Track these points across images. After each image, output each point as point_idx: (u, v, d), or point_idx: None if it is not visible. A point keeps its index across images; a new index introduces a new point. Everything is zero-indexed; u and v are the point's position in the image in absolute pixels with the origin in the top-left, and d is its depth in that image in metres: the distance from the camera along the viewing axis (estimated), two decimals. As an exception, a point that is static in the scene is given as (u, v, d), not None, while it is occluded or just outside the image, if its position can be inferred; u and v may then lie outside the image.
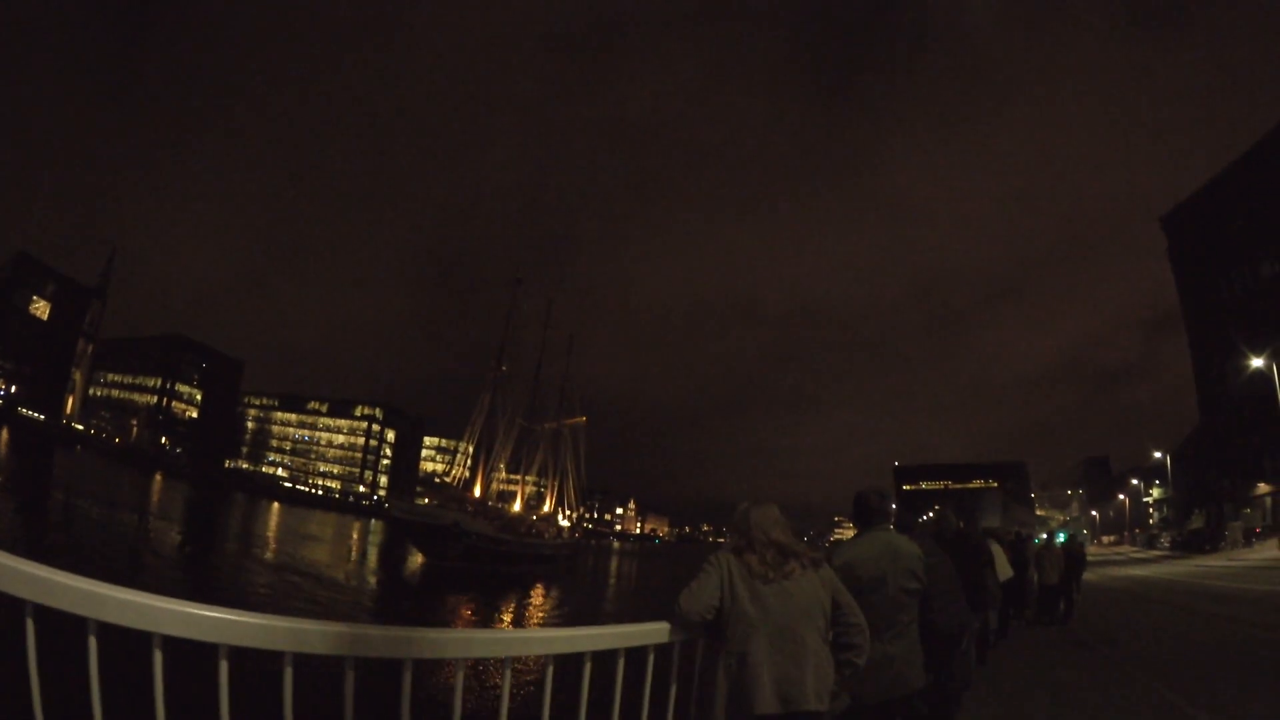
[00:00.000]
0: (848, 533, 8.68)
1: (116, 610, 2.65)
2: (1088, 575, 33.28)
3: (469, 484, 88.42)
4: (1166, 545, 76.19)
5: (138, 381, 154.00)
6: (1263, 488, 71.44)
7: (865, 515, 6.06)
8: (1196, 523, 77.82)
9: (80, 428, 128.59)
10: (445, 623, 40.98)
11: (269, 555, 51.25)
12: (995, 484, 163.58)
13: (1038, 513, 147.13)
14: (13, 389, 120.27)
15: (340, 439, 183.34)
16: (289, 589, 36.90)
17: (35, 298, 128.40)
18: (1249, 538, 59.92)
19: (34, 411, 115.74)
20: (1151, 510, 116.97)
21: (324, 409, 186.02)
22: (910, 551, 5.86)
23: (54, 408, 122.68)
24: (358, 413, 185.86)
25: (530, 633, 5.25)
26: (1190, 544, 66.22)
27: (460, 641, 3.50)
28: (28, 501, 47.80)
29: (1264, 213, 75.76)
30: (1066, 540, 28.21)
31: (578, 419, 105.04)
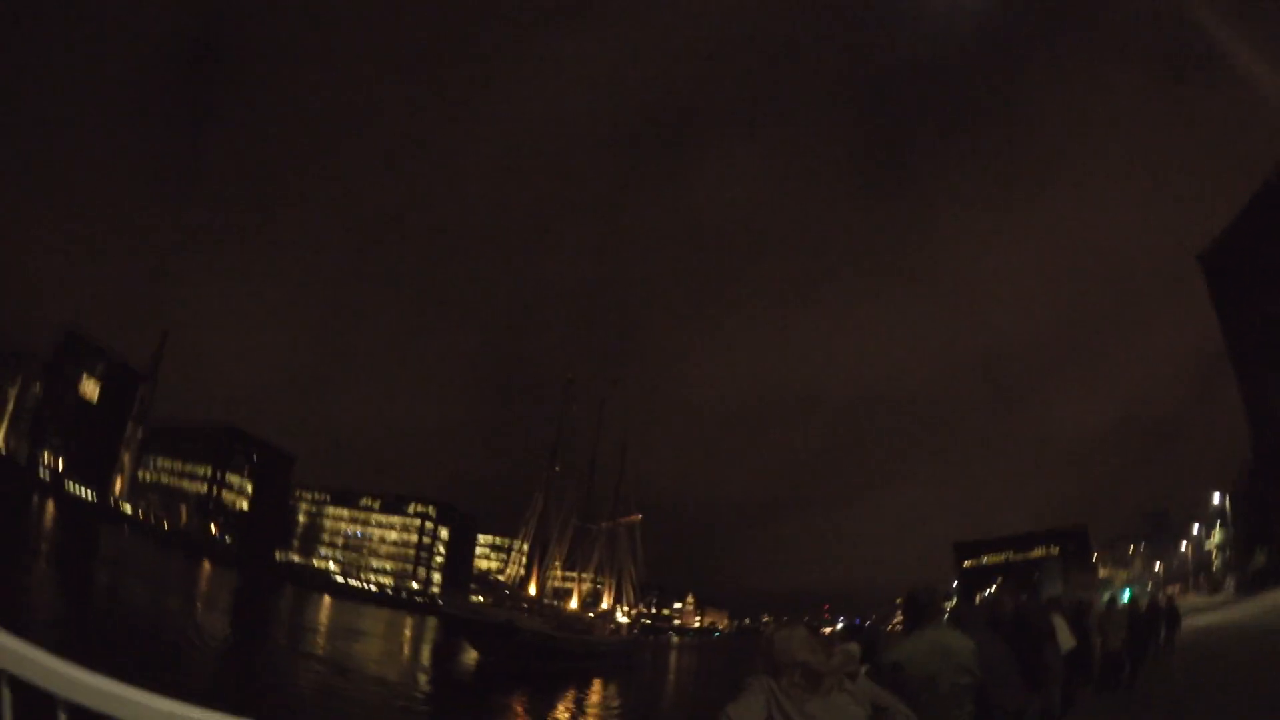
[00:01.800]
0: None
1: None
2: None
3: (524, 582, 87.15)
4: (1232, 588, 74.08)
5: (187, 469, 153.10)
6: None
7: (914, 613, 6.17)
8: (1259, 560, 74.25)
9: (128, 509, 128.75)
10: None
11: (319, 650, 50.13)
12: (1056, 550, 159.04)
13: (1101, 574, 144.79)
14: (60, 464, 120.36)
15: (393, 535, 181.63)
16: (338, 688, 35.48)
17: (85, 376, 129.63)
18: None
19: (82, 488, 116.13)
20: (1215, 554, 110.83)
21: (376, 505, 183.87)
22: (961, 647, 5.86)
23: (102, 487, 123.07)
24: (411, 510, 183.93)
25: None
26: (1255, 583, 63.92)
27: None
28: (71, 579, 47.19)
29: None
30: (1131, 599, 27.37)
31: (633, 517, 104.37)
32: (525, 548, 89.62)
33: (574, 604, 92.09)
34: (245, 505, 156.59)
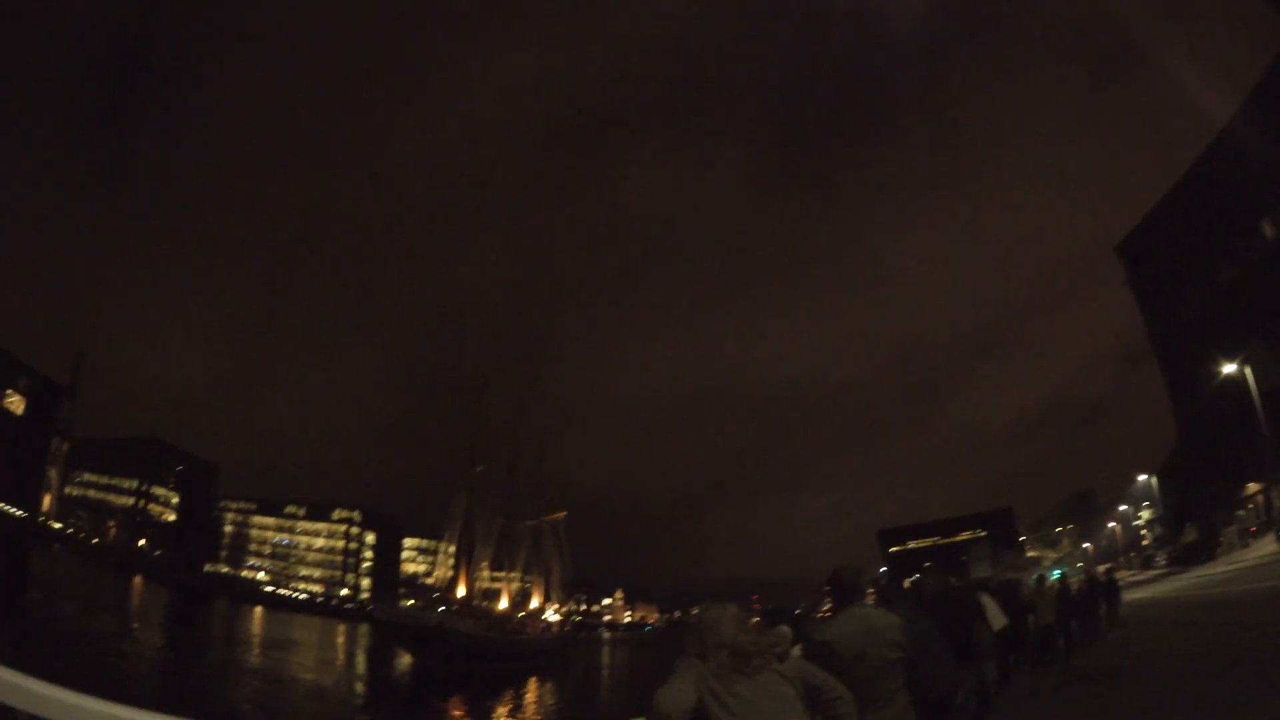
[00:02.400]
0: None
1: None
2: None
3: (452, 584, 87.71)
4: (1163, 563, 75.24)
5: (114, 482, 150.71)
6: (1252, 487, 70.58)
7: (840, 593, 6.24)
8: (1189, 535, 77.20)
9: (58, 526, 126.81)
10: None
11: (254, 662, 50.34)
12: (983, 533, 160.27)
13: (1029, 555, 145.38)
14: None
15: (320, 542, 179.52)
16: (275, 699, 36.16)
17: (9, 391, 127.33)
18: (1244, 538, 59.87)
19: (11, 507, 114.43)
20: (1144, 532, 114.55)
21: (302, 512, 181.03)
22: (888, 623, 5.99)
23: (31, 505, 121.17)
24: (336, 516, 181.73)
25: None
26: (1186, 557, 65.97)
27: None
28: (4, 602, 46.91)
29: (1215, 221, 77.48)
30: (1060, 577, 28.51)
31: (557, 515, 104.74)
32: (452, 549, 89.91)
33: (503, 604, 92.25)
34: (172, 517, 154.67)
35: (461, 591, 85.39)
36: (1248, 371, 55.99)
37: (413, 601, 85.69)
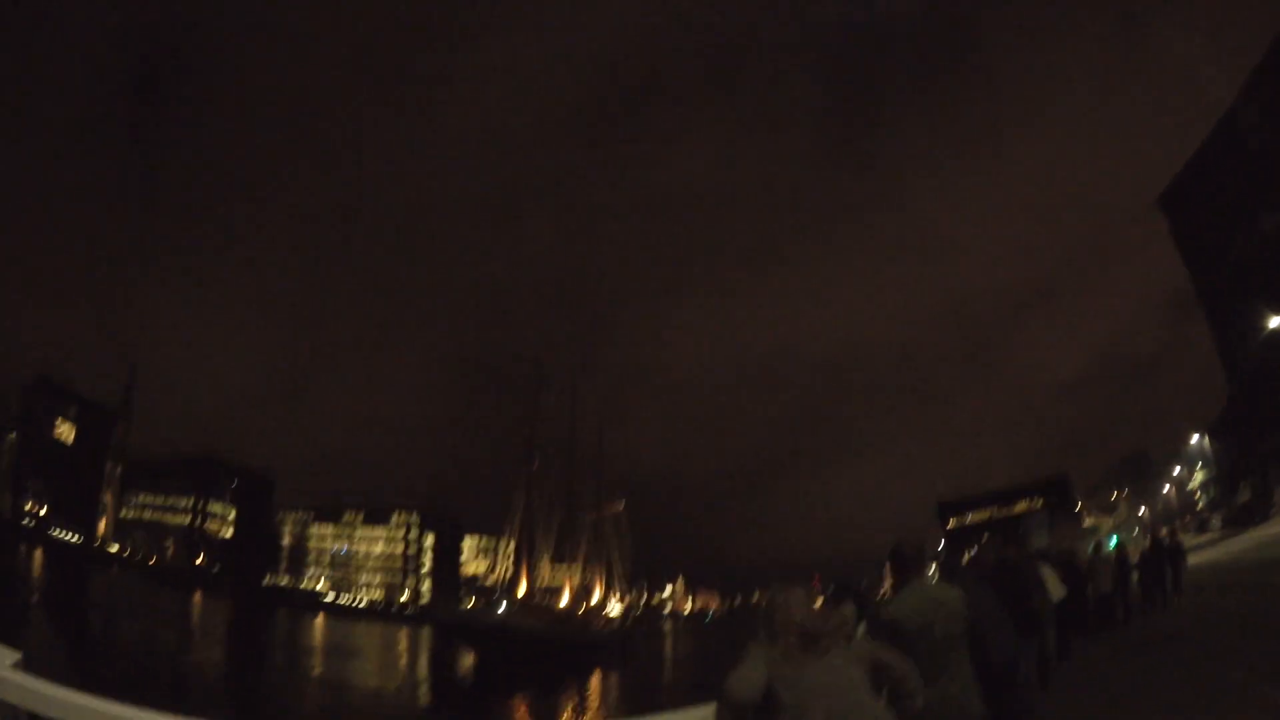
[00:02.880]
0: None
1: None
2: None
3: (513, 582, 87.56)
4: (1218, 525, 70.72)
5: (169, 502, 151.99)
6: None
7: (901, 567, 6.27)
8: (1244, 495, 74.09)
9: (115, 549, 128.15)
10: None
11: (316, 671, 50.40)
12: (1040, 502, 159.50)
13: (1086, 523, 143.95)
14: (42, 511, 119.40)
15: (379, 548, 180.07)
16: (340, 707, 35.96)
17: (59, 420, 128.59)
18: None
19: (67, 533, 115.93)
20: (1199, 493, 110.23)
21: (359, 519, 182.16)
22: (950, 596, 6.05)
23: (86, 530, 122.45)
24: (394, 520, 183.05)
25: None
26: (1241, 518, 63.25)
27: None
28: (65, 624, 47.21)
29: (1255, 168, 75.82)
30: (1118, 544, 26.28)
31: (616, 507, 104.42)
32: (511, 547, 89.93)
33: (565, 600, 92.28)
34: (230, 533, 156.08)
35: (523, 589, 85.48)
36: None
37: (474, 602, 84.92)
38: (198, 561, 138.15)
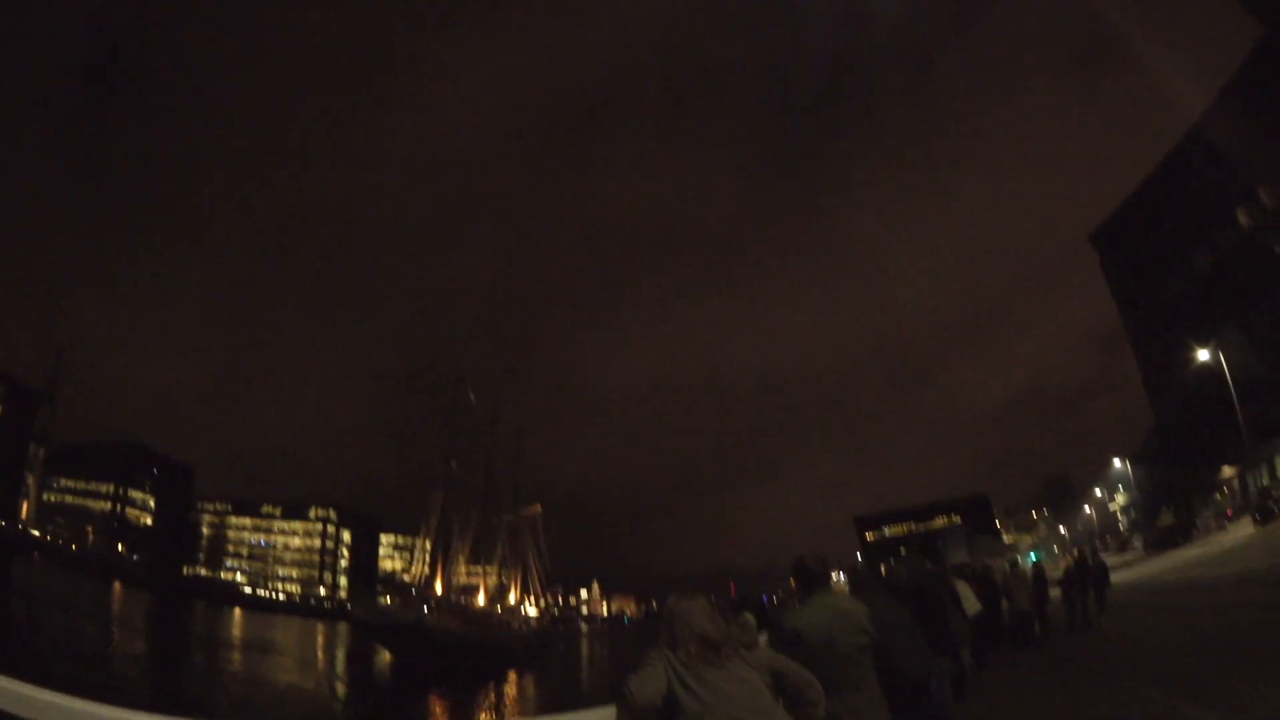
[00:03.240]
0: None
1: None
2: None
3: (430, 581, 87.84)
4: (1139, 546, 74.26)
5: (91, 487, 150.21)
6: (1227, 470, 71.45)
7: (806, 582, 6.21)
8: (1166, 519, 74.53)
9: (37, 534, 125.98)
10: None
11: (234, 664, 50.74)
12: (958, 519, 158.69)
13: (1005, 540, 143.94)
14: None
15: (296, 541, 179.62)
16: (260, 701, 36.61)
17: None
18: (1221, 521, 59.57)
19: None
20: (1119, 516, 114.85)
21: (278, 512, 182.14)
22: (855, 609, 6.02)
23: (9, 513, 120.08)
24: (312, 514, 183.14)
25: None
26: (1163, 541, 64.16)
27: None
28: None
29: (1192, 209, 79.48)
30: (1035, 562, 27.26)
31: (533, 509, 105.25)
32: (429, 546, 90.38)
33: (481, 599, 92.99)
34: (149, 520, 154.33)
35: (439, 589, 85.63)
36: (1221, 357, 58.16)
37: (390, 599, 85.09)
38: (118, 549, 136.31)
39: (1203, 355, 60.94)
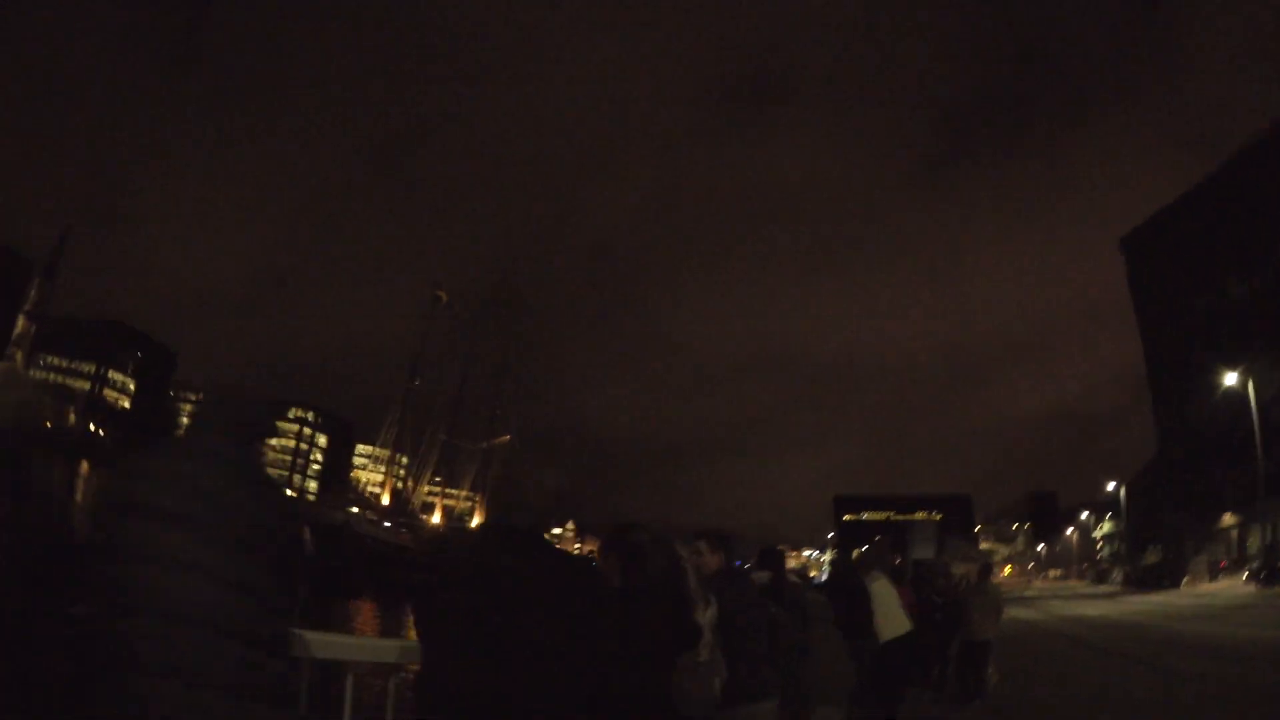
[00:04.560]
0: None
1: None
2: (1027, 614, 32.67)
3: (380, 489, 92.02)
4: (1119, 581, 70.90)
5: (74, 366, 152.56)
6: (1228, 519, 67.57)
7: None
8: (1152, 557, 72.37)
9: None
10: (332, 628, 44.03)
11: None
12: (938, 516, 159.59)
13: (982, 546, 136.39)
14: None
15: (271, 440, 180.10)
16: None
17: None
18: (1213, 571, 56.24)
19: None
20: (1101, 544, 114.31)
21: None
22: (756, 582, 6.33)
23: None
24: (291, 414, 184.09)
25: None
26: (1146, 580, 60.82)
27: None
28: None
29: (1231, 233, 75.05)
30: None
31: (502, 439, 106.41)
32: (404, 460, 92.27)
33: (437, 519, 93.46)
34: (127, 403, 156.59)
35: (386, 499, 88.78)
36: (1250, 388, 52.36)
37: (357, 510, 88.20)
38: (92, 430, 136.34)
39: (1230, 379, 55.56)
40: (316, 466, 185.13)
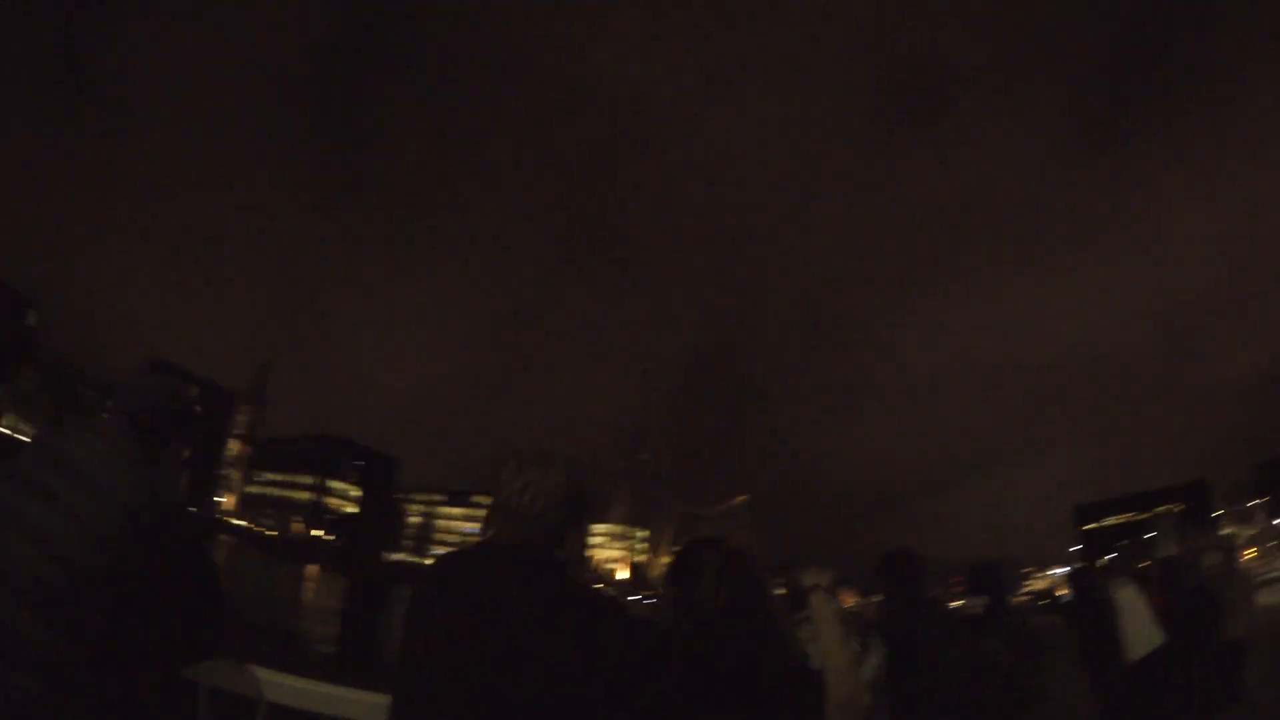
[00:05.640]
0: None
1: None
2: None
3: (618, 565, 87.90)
4: None
5: (294, 479, 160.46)
6: None
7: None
8: None
9: (239, 523, 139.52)
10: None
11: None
12: (1179, 507, 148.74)
13: (1223, 531, 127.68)
14: None
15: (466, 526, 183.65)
16: None
17: None
18: None
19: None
20: None
21: (489, 501, 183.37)
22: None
23: (200, 500, 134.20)
24: (474, 500, 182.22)
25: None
26: None
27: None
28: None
29: None
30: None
31: (739, 498, 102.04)
32: (644, 535, 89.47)
33: None
34: (352, 509, 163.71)
35: (623, 574, 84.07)
36: None
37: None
38: (317, 535, 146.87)
39: None
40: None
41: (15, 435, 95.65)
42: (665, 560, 76.13)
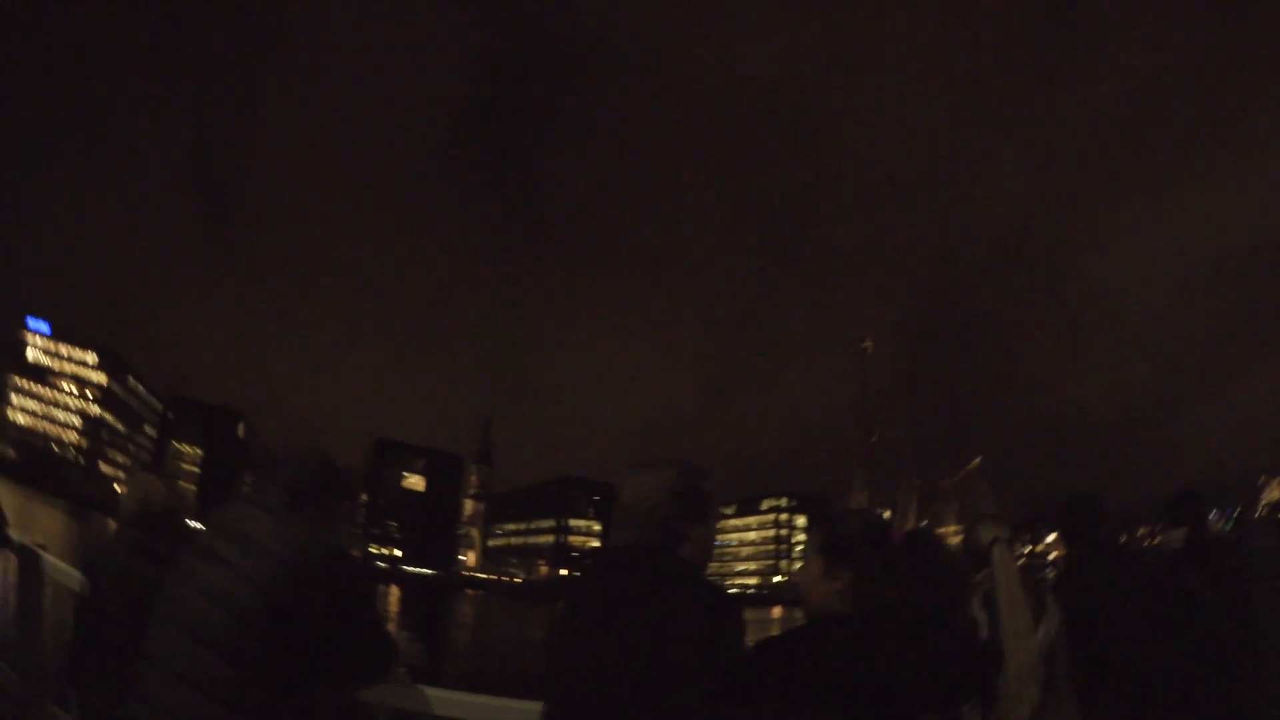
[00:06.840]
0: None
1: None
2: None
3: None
4: None
5: (534, 525, 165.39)
6: None
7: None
8: None
9: (484, 576, 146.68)
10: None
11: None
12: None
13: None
14: (397, 552, 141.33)
15: (751, 535, 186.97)
16: None
17: (405, 474, 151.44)
18: None
19: (423, 568, 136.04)
20: None
21: (731, 511, 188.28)
22: None
23: (444, 562, 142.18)
24: (764, 507, 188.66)
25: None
26: None
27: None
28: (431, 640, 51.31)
29: None
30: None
31: (974, 463, 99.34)
32: (886, 516, 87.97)
33: None
34: (596, 543, 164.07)
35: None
36: None
37: None
38: (560, 574, 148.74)
39: None
40: (800, 547, 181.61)
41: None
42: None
